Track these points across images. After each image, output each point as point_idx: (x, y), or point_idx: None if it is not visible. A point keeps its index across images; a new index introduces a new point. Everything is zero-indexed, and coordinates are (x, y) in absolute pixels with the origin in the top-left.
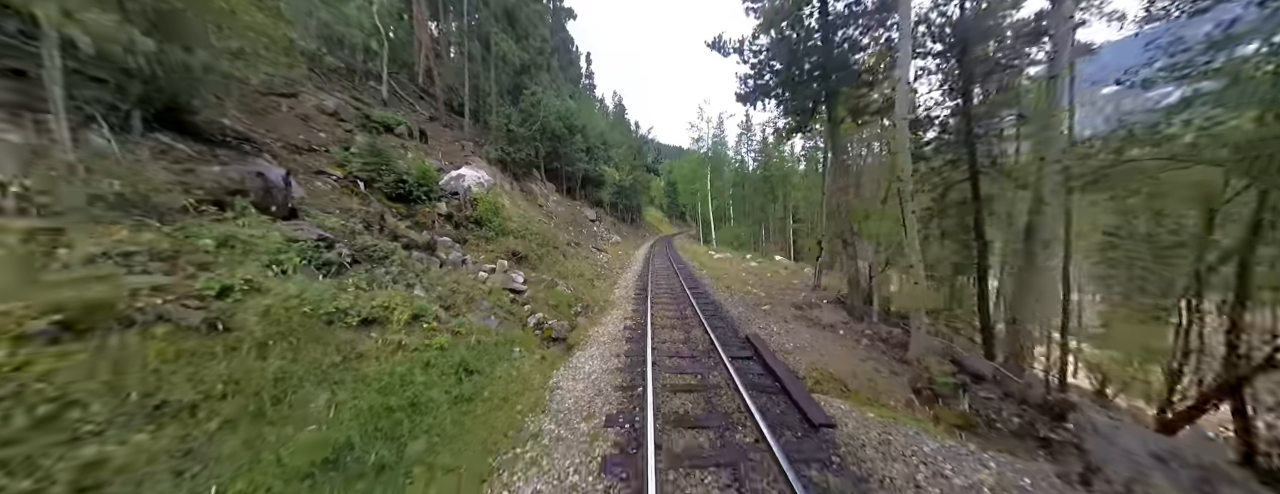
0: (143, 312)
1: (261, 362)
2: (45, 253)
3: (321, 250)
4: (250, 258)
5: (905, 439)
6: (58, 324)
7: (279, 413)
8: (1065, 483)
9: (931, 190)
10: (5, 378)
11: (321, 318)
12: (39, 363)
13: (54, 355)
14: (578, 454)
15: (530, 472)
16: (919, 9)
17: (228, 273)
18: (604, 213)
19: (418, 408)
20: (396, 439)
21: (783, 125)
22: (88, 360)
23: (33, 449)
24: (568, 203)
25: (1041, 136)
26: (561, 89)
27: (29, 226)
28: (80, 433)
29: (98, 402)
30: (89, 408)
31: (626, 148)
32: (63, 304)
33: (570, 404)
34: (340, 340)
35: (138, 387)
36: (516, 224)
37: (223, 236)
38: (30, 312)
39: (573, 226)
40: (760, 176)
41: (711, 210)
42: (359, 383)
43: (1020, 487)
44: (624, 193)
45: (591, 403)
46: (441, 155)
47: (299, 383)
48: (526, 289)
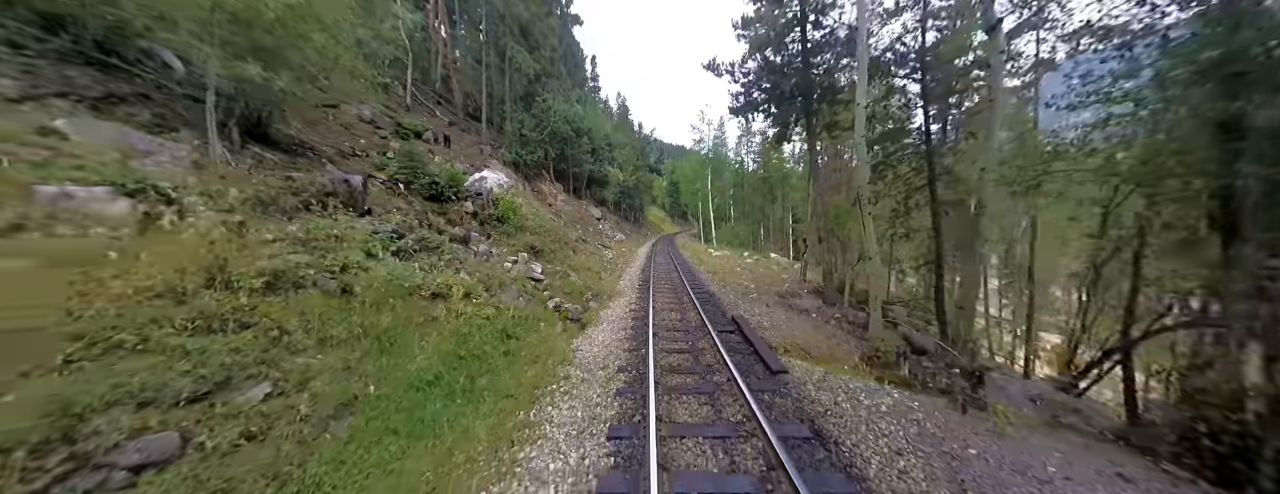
0: (302, 279)
1: (377, 316)
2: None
3: (395, 240)
4: (350, 245)
5: (839, 382)
6: (265, 284)
7: (393, 350)
8: (949, 407)
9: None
10: (252, 311)
11: (406, 290)
12: (261, 307)
13: (267, 303)
14: (598, 387)
15: (564, 397)
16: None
17: (341, 256)
18: (608, 212)
19: (477, 357)
20: (469, 375)
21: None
22: (283, 308)
23: (276, 356)
24: (574, 202)
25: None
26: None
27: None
28: (294, 350)
29: (297, 333)
30: (293, 336)
31: (630, 149)
32: (263, 270)
33: (589, 359)
34: (419, 307)
35: (312, 326)
36: (532, 222)
37: (331, 229)
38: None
39: (580, 225)
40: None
41: (712, 210)
42: (438, 336)
43: (909, 407)
44: (627, 193)
45: (606, 359)
46: (463, 158)
47: (401, 332)
48: (544, 278)
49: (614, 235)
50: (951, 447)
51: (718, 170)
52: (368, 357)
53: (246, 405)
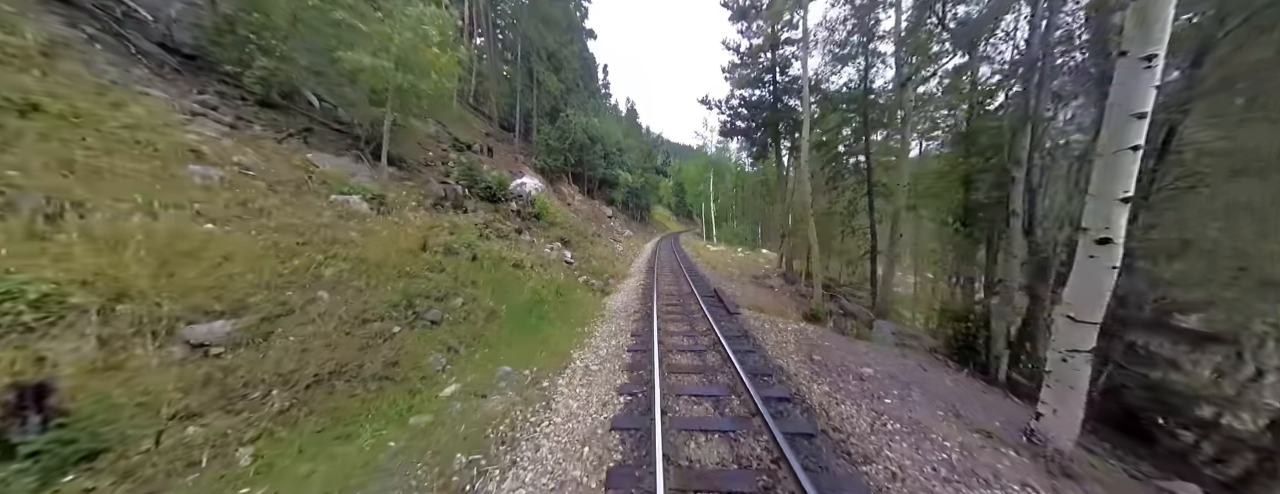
0: (455, 249)
1: (494, 273)
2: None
3: (486, 228)
4: (465, 231)
5: (771, 321)
6: (443, 250)
7: (505, 293)
8: (836, 334)
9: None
10: (442, 265)
11: (503, 260)
12: (444, 263)
13: (445, 260)
14: (622, 320)
15: (602, 323)
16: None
17: (465, 238)
18: (618, 211)
19: (546, 302)
20: (543, 311)
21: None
22: (452, 265)
23: (458, 287)
24: (589, 202)
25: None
26: (584, 103)
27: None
28: (464, 285)
29: (463, 277)
30: (461, 279)
31: (638, 152)
32: (440, 243)
33: (615, 307)
34: (510, 271)
35: (465, 275)
36: (560, 219)
37: (454, 221)
38: (434, 245)
39: (594, 222)
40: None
41: (714, 210)
42: (524, 288)
43: (807, 331)
44: (635, 193)
45: (625, 308)
46: (503, 166)
47: (506, 283)
48: (574, 261)
49: (623, 232)
50: (817, 342)
51: (719, 173)
52: (494, 294)
53: (456, 304)
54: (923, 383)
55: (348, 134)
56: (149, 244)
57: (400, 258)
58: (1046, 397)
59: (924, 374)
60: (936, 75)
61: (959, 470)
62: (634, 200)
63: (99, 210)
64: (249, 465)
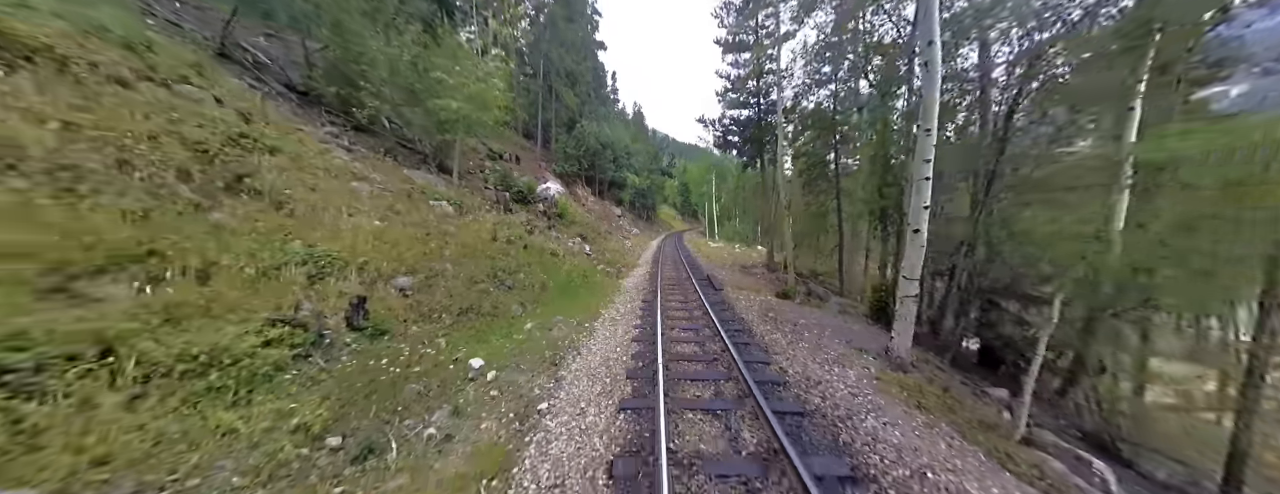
0: (511, 240)
1: (540, 258)
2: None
3: (529, 225)
4: (514, 227)
5: (746, 295)
6: (506, 240)
7: (550, 272)
8: (798, 305)
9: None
10: (508, 250)
11: (545, 250)
12: (511, 252)
13: (514, 248)
14: (634, 294)
15: (620, 296)
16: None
17: (517, 232)
18: (626, 210)
19: (576, 281)
20: (574, 290)
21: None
22: (516, 252)
23: (521, 266)
24: (600, 203)
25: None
26: (595, 110)
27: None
28: (527, 266)
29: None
30: (526, 265)
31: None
32: (504, 236)
33: (629, 286)
34: (550, 258)
35: (521, 260)
36: (578, 218)
37: (506, 220)
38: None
39: (605, 221)
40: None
41: (717, 209)
42: (561, 271)
43: (772, 302)
44: (642, 194)
45: (636, 286)
46: (529, 172)
47: (549, 266)
48: (592, 253)
49: (631, 230)
50: (776, 308)
51: (721, 175)
52: (542, 272)
53: (521, 278)
54: (837, 327)
55: (416, 151)
56: (362, 233)
57: (482, 245)
58: (895, 328)
59: (842, 324)
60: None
61: (832, 362)
62: (641, 201)
63: (329, 212)
64: (445, 347)
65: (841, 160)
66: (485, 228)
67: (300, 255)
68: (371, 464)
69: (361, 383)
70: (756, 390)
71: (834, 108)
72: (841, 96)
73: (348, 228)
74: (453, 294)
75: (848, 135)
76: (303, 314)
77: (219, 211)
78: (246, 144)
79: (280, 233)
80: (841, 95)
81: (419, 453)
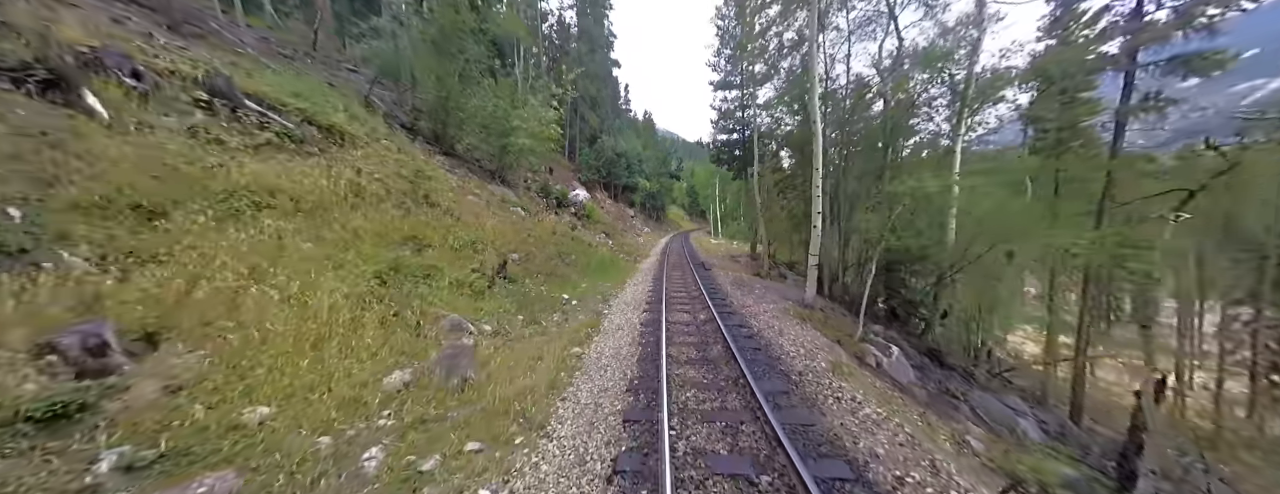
0: (564, 233)
1: (581, 247)
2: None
3: (572, 223)
4: (562, 225)
5: (728, 274)
6: (563, 234)
7: (588, 255)
8: (768, 280)
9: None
10: (566, 238)
11: (584, 241)
12: (564, 241)
13: (565, 239)
14: (648, 272)
15: (637, 274)
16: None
17: (563, 228)
18: (638, 211)
19: (605, 264)
20: (606, 268)
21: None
22: (567, 241)
23: (573, 250)
24: (616, 205)
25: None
26: (611, 123)
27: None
28: (575, 252)
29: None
30: (574, 251)
31: (654, 160)
32: (560, 230)
33: (644, 268)
34: (588, 247)
35: (571, 247)
36: (600, 219)
37: (556, 219)
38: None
39: (621, 221)
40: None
41: (721, 210)
42: (597, 256)
43: (744, 277)
44: (652, 196)
45: (649, 269)
46: (560, 180)
47: (588, 251)
48: (613, 245)
49: (643, 229)
50: (745, 281)
51: (724, 178)
52: (584, 256)
53: (573, 258)
54: (781, 290)
55: (485, 169)
56: (488, 227)
57: (547, 236)
58: (807, 285)
59: (785, 289)
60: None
61: (764, 303)
62: (651, 202)
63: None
64: (547, 290)
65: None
66: (546, 225)
67: (468, 238)
68: (537, 328)
69: (519, 301)
70: (715, 311)
71: (806, 127)
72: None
73: (481, 224)
74: (540, 264)
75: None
76: (483, 267)
77: (424, 215)
78: (425, 174)
79: (454, 227)
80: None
81: (555, 324)
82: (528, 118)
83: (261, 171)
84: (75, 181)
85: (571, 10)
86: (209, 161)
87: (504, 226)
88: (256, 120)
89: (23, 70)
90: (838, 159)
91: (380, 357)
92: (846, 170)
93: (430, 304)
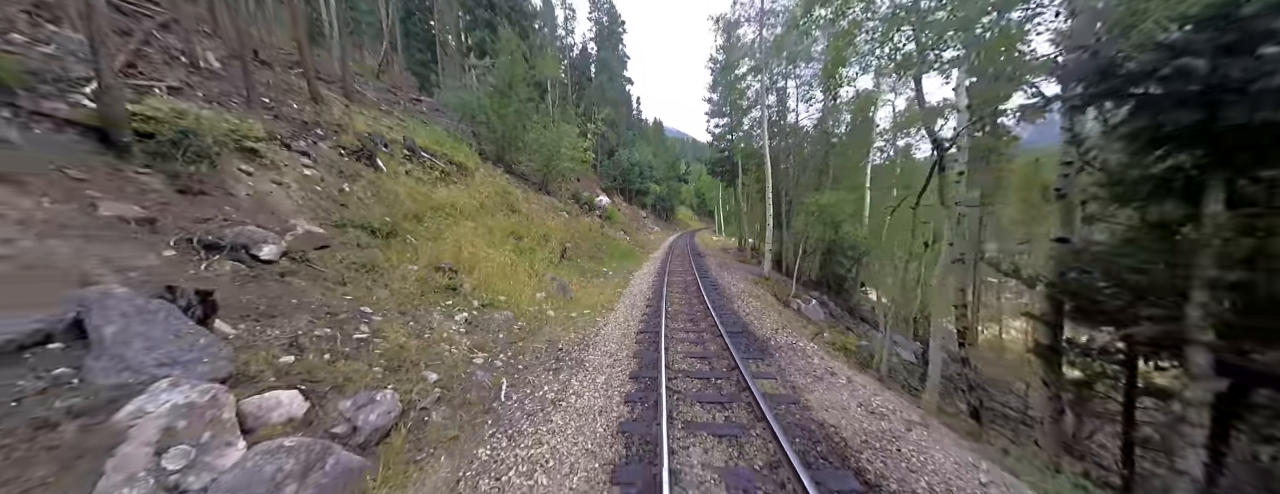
0: (596, 230)
1: (608, 239)
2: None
3: (600, 223)
4: (594, 224)
5: (717, 260)
6: (596, 231)
7: (612, 246)
8: (743, 265)
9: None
10: (597, 236)
11: (610, 236)
12: (598, 235)
13: (598, 233)
14: (658, 260)
15: (649, 260)
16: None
17: (596, 225)
18: (649, 213)
19: (625, 253)
20: (626, 256)
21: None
22: (601, 235)
23: (604, 244)
24: (630, 208)
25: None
26: (625, 136)
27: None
28: (606, 243)
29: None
30: (605, 242)
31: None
32: (594, 227)
33: (655, 257)
34: (614, 240)
35: (603, 239)
36: (619, 219)
37: (591, 219)
38: (592, 232)
39: (635, 221)
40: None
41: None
42: (619, 247)
43: (728, 261)
44: (662, 198)
45: (659, 257)
46: (585, 187)
47: (612, 244)
48: (630, 241)
49: (654, 228)
50: (729, 263)
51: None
52: (611, 246)
53: (606, 248)
54: (751, 269)
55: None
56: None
57: (587, 232)
58: (765, 264)
59: (755, 269)
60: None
61: (736, 276)
62: (661, 204)
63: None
64: (591, 265)
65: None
66: (584, 224)
67: (541, 233)
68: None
69: (578, 270)
70: (699, 279)
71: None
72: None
73: (546, 223)
74: (584, 251)
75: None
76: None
77: (516, 218)
78: (508, 190)
79: (532, 225)
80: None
81: (603, 279)
82: (571, 146)
83: (443, 194)
84: (391, 204)
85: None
86: (422, 190)
87: (558, 225)
88: (429, 162)
89: (354, 150)
90: (786, 178)
91: (530, 284)
92: (792, 185)
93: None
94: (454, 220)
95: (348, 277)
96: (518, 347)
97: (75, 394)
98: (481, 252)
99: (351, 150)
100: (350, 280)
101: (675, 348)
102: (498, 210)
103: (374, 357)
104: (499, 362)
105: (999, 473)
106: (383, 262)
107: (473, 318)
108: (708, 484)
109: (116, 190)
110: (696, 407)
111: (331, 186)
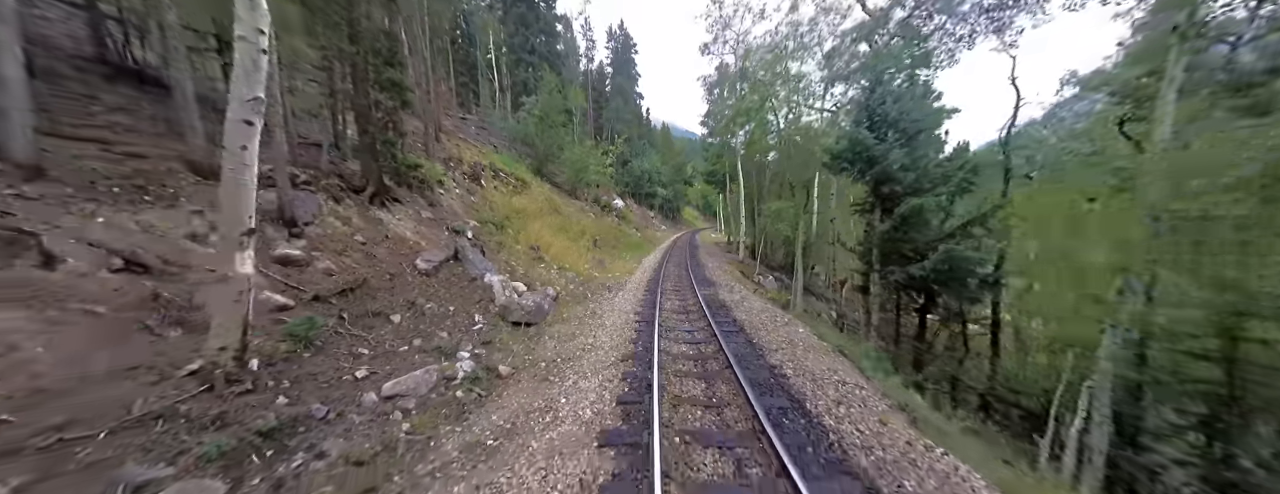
0: (618, 227)
1: (625, 233)
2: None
3: (619, 218)
4: (615, 223)
5: (710, 253)
6: (617, 228)
7: (627, 239)
8: (729, 255)
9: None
10: (617, 232)
11: (625, 232)
12: (619, 231)
13: (618, 229)
14: (662, 251)
15: (655, 249)
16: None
17: (616, 223)
18: (657, 213)
19: (638, 245)
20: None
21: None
22: (621, 231)
23: (624, 237)
24: (640, 209)
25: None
26: (636, 145)
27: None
28: (624, 236)
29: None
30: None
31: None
32: (613, 227)
33: (661, 248)
34: (628, 235)
35: (622, 234)
36: (632, 219)
37: (614, 219)
38: (617, 226)
39: (644, 220)
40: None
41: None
42: (633, 241)
43: (720, 255)
44: (668, 201)
45: (664, 250)
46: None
47: (628, 238)
48: (640, 236)
49: (661, 226)
50: (718, 254)
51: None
52: (625, 240)
53: (624, 241)
54: (734, 257)
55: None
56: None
57: (612, 229)
58: (741, 251)
59: (736, 256)
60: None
61: (720, 261)
62: (667, 205)
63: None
64: (614, 252)
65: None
66: (607, 222)
67: (578, 229)
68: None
69: (607, 254)
70: (690, 264)
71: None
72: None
73: (581, 222)
74: (608, 242)
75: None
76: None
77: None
78: (551, 197)
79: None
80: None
81: (623, 260)
82: (597, 162)
83: (518, 202)
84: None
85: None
86: (504, 199)
87: (589, 223)
88: (506, 179)
89: (468, 175)
90: (756, 186)
91: (583, 260)
92: (760, 192)
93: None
94: (527, 219)
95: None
96: (587, 286)
97: (466, 273)
98: (548, 238)
99: (467, 175)
100: (503, 250)
101: (667, 289)
102: (549, 213)
103: (538, 278)
104: (581, 291)
105: (835, 340)
106: (509, 242)
107: (560, 273)
108: (672, 316)
109: (419, 203)
110: (674, 302)
111: (467, 199)
